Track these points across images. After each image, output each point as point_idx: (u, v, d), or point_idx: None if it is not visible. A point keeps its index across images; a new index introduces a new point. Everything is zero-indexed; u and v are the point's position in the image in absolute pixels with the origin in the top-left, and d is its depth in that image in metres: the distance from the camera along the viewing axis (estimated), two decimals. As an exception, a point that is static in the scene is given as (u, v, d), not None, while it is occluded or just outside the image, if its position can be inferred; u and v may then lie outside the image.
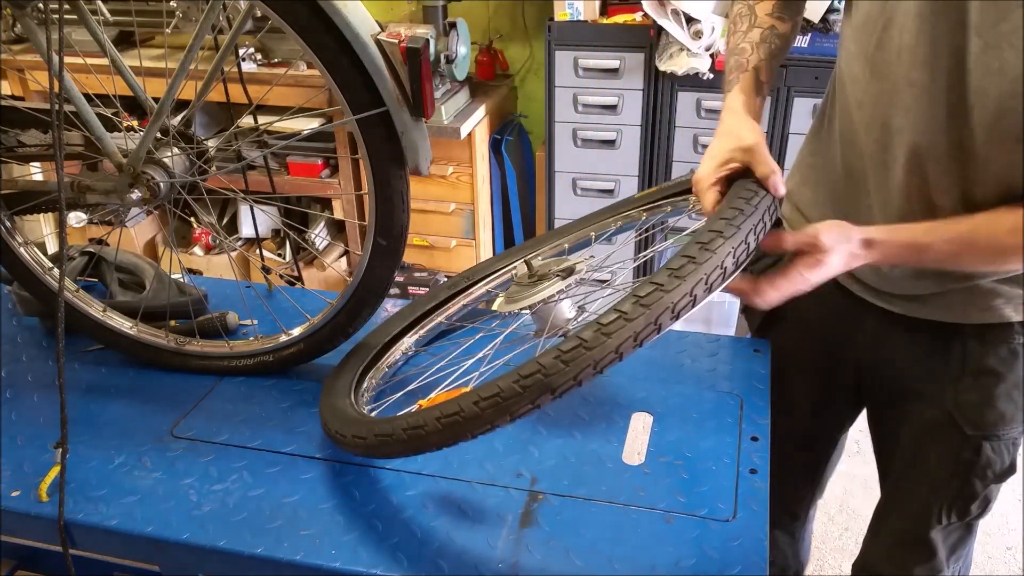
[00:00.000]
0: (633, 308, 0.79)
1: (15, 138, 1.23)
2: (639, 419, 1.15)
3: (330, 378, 1.20)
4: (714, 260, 0.82)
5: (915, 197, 1.05)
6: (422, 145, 1.06)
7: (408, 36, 0.99)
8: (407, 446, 0.92)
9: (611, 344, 0.79)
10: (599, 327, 0.79)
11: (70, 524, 1.01)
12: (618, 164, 2.74)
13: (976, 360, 1.14)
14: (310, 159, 2.85)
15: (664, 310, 0.79)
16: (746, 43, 1.13)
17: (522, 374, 0.80)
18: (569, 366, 0.79)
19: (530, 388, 0.80)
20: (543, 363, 0.80)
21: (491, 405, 0.82)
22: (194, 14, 2.49)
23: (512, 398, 0.81)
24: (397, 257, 1.15)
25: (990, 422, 1.15)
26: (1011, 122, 0.92)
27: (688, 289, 0.80)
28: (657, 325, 0.80)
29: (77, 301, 1.30)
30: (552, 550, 0.95)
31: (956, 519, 1.23)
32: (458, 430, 0.85)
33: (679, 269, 0.81)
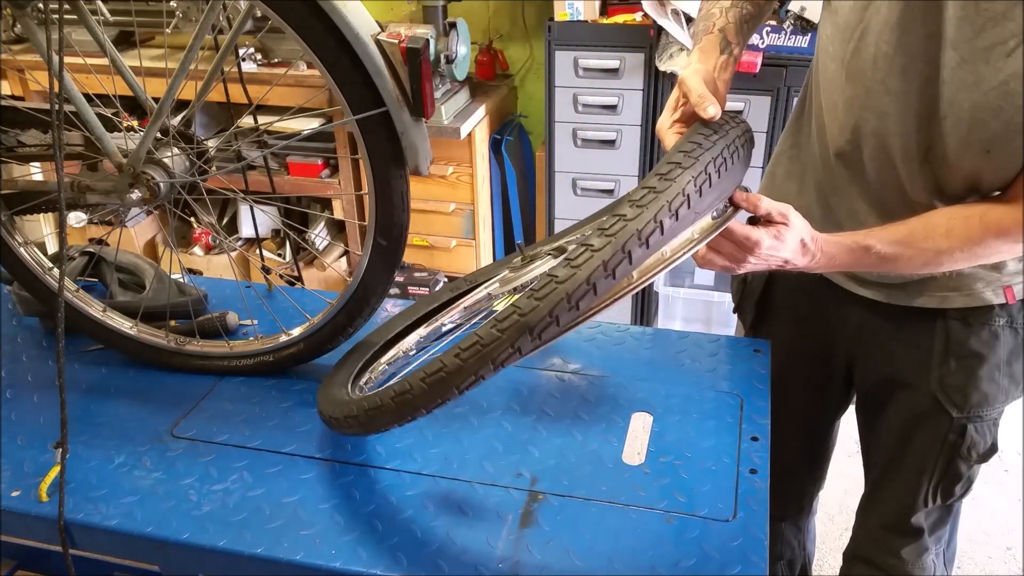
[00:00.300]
0: (599, 239, 0.80)
1: (15, 138, 1.23)
2: (639, 419, 1.15)
3: (329, 374, 1.20)
4: (674, 188, 0.82)
5: (890, 193, 1.08)
6: (422, 145, 1.06)
7: (408, 36, 0.99)
8: (397, 414, 0.92)
9: (581, 275, 0.79)
10: (567, 261, 0.80)
11: (70, 524, 1.01)
12: (618, 164, 2.74)
13: (959, 343, 1.17)
14: (310, 159, 2.85)
15: (630, 237, 0.79)
16: (716, 8, 1.14)
17: (499, 318, 0.81)
18: (543, 302, 0.79)
19: (508, 330, 0.80)
20: (518, 304, 0.80)
21: (473, 354, 0.82)
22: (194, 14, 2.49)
23: (492, 343, 0.81)
24: (397, 257, 1.15)
25: (974, 403, 1.18)
26: (981, 133, 0.94)
27: (652, 216, 0.80)
28: (626, 253, 0.79)
29: (77, 301, 1.30)
30: (552, 550, 0.95)
31: (940, 500, 1.26)
32: (444, 386, 0.85)
33: (640, 199, 0.81)
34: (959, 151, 0.98)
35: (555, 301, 0.79)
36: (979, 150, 0.96)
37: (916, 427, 1.24)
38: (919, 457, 1.24)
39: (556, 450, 1.10)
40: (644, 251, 0.81)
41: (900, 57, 0.98)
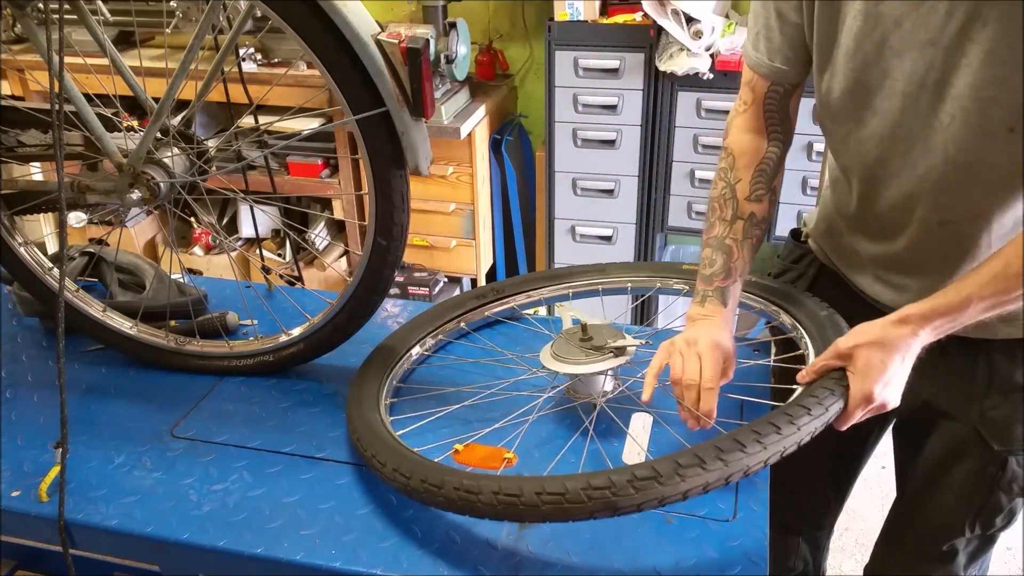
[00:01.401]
0: (711, 460, 0.84)
1: (15, 138, 1.23)
2: (639, 419, 1.15)
3: (356, 384, 1.19)
4: (795, 436, 0.87)
5: (928, 227, 1.06)
6: (422, 145, 1.06)
7: (408, 36, 0.99)
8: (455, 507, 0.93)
9: (682, 487, 0.83)
10: (676, 466, 0.83)
11: (70, 524, 1.01)
12: (618, 164, 2.74)
13: (1004, 377, 1.13)
14: (310, 159, 2.85)
15: (738, 470, 0.84)
16: (731, 240, 1.13)
17: (592, 484, 0.83)
18: (638, 493, 0.82)
19: (594, 500, 0.83)
20: (614, 480, 0.83)
21: (552, 503, 0.84)
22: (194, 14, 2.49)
23: (575, 504, 0.83)
24: (397, 257, 1.15)
25: (1018, 437, 1.14)
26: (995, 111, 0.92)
27: (765, 458, 0.85)
28: (726, 480, 0.85)
29: (77, 301, 1.30)
30: (552, 550, 0.95)
31: (980, 531, 1.22)
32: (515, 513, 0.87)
33: (764, 436, 0.86)
34: (980, 151, 0.94)
35: (649, 497, 0.83)
36: (1002, 133, 0.91)
37: (955, 457, 1.20)
38: (957, 487, 1.21)
39: (553, 448, 1.10)
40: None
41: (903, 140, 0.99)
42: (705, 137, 2.62)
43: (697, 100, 2.58)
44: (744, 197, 1.14)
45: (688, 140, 2.64)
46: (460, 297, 1.38)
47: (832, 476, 1.48)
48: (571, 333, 1.18)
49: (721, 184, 1.17)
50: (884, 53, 0.97)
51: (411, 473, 0.94)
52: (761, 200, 1.15)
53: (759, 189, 1.15)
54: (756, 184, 1.15)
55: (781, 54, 1.09)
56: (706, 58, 2.46)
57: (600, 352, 1.13)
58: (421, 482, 0.92)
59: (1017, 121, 0.90)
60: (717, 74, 2.49)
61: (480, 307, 1.36)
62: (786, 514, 1.01)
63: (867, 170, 1.07)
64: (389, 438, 1.04)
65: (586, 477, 0.84)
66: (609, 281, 1.36)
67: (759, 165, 1.15)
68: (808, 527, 1.55)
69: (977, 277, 0.95)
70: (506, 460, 1.06)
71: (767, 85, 1.13)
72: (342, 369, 1.28)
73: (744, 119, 1.17)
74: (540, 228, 3.06)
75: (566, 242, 2.91)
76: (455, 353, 1.34)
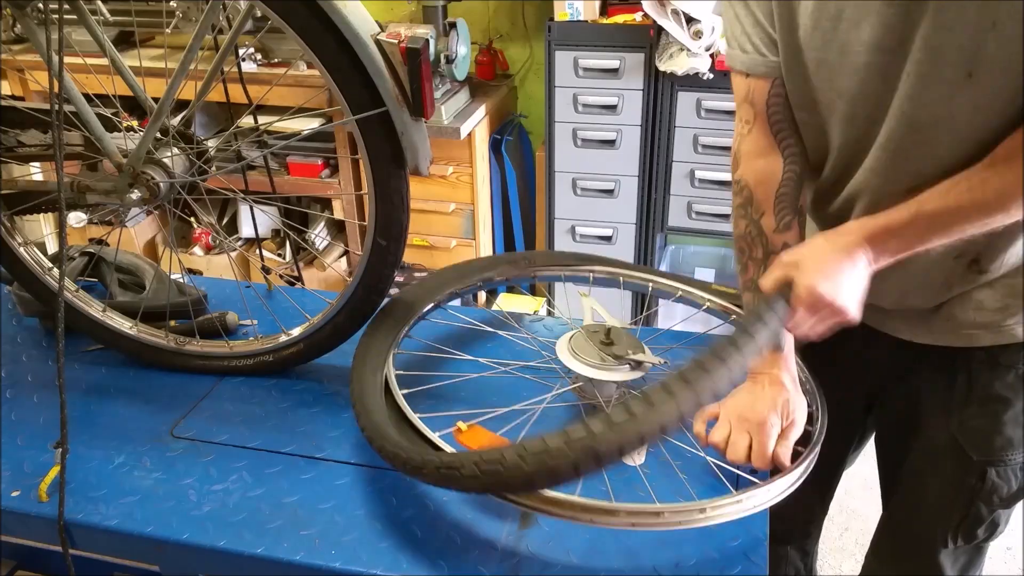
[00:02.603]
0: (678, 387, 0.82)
1: (15, 138, 1.23)
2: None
3: (369, 332, 1.18)
4: (753, 346, 0.86)
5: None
6: (422, 145, 1.06)
7: (408, 36, 0.99)
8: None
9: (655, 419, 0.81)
10: (648, 403, 0.81)
11: (70, 524, 1.01)
12: (618, 164, 2.74)
13: (983, 387, 1.11)
14: (310, 159, 2.85)
15: (706, 393, 0.82)
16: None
17: (570, 434, 0.81)
18: (617, 434, 0.81)
19: (576, 450, 0.81)
20: (592, 427, 0.81)
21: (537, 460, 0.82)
22: (194, 14, 2.49)
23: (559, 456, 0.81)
24: (397, 257, 1.15)
25: (997, 448, 1.12)
26: (954, 56, 0.88)
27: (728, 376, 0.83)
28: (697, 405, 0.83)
29: (77, 301, 1.30)
30: (552, 550, 0.95)
31: (963, 543, 1.20)
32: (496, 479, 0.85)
33: (722, 352, 0.84)
34: (938, 104, 0.90)
35: (628, 438, 0.80)
36: (959, 78, 0.87)
37: (934, 466, 1.18)
38: (937, 496, 1.19)
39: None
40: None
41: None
42: (705, 137, 2.62)
43: (697, 100, 2.58)
44: (772, 231, 1.08)
45: (688, 140, 2.64)
46: (492, 258, 1.39)
47: (816, 485, 1.44)
48: (592, 331, 1.17)
49: (743, 223, 1.10)
50: (841, 26, 0.93)
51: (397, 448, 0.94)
52: (790, 227, 1.07)
53: (786, 217, 1.07)
54: (781, 213, 1.08)
55: (774, 46, 1.02)
56: (706, 58, 2.46)
57: (618, 361, 1.12)
58: (437, 468, 0.90)
59: (973, 65, 0.86)
60: (717, 74, 2.49)
61: (511, 272, 1.36)
62: (773, 526, 1.00)
63: (841, 156, 1.04)
64: (388, 407, 1.04)
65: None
66: (633, 276, 1.37)
67: (779, 191, 1.07)
68: (797, 536, 1.54)
69: (923, 195, 0.91)
70: None
71: (767, 90, 1.05)
72: (342, 369, 1.28)
73: (751, 142, 1.08)
74: (540, 228, 3.06)
75: (566, 242, 2.91)
76: (475, 317, 1.35)
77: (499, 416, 1.09)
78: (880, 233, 0.93)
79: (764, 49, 1.03)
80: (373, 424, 1.00)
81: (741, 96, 1.09)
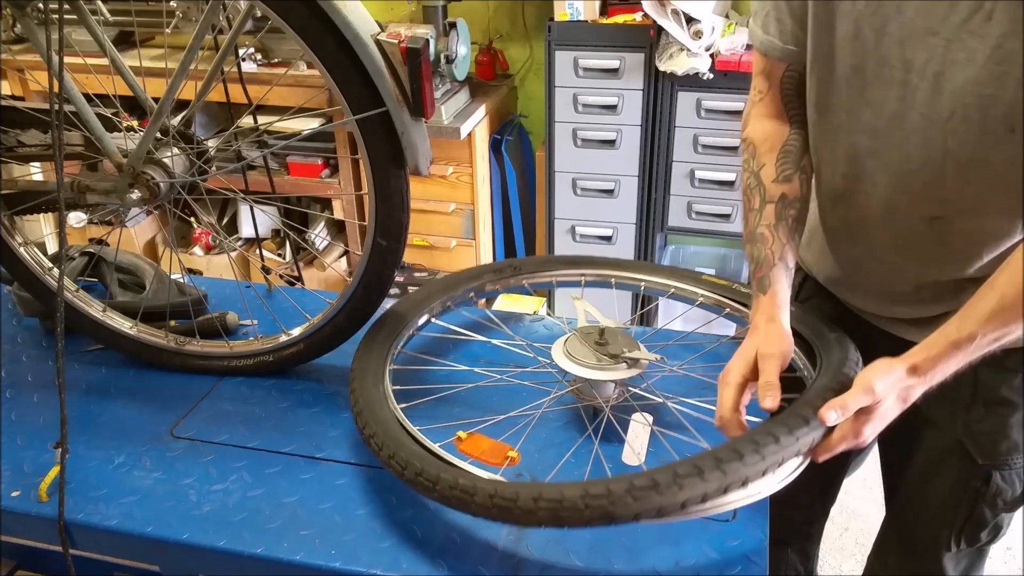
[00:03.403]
0: (710, 469, 0.82)
1: (15, 138, 1.23)
2: (639, 419, 1.15)
3: (362, 349, 1.17)
4: (793, 447, 0.88)
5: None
6: (422, 145, 1.06)
7: (408, 36, 0.99)
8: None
9: (680, 496, 0.81)
10: (675, 475, 0.82)
11: (70, 524, 1.01)
12: (618, 164, 2.74)
13: (989, 389, 1.10)
14: (310, 159, 2.85)
15: (736, 480, 0.83)
16: (763, 227, 1.07)
17: (636, 484, 0.81)
18: (636, 503, 0.81)
19: (591, 509, 0.81)
20: (612, 489, 0.81)
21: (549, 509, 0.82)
22: (194, 14, 2.49)
23: (571, 512, 0.82)
24: (397, 257, 1.15)
25: (1002, 451, 1.12)
26: (996, 110, 0.89)
27: (763, 468, 0.85)
28: (725, 490, 0.83)
29: (77, 301, 1.30)
30: (552, 550, 0.95)
31: (966, 545, 1.20)
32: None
33: (762, 447, 0.85)
34: (980, 149, 0.91)
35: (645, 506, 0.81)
36: (1003, 132, 0.88)
37: (939, 468, 1.18)
38: (941, 498, 1.18)
39: (556, 450, 1.10)
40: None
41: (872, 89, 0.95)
42: (705, 137, 2.62)
43: (697, 100, 2.58)
44: (771, 180, 1.08)
45: (688, 140, 2.64)
46: (478, 269, 1.37)
47: (818, 488, 1.45)
48: (586, 333, 1.17)
49: (746, 175, 1.11)
50: (884, 40, 0.93)
51: (406, 463, 0.93)
52: (791, 180, 1.08)
53: (787, 170, 1.08)
54: (782, 165, 1.08)
55: (793, 35, 1.04)
56: (706, 58, 2.46)
57: (614, 360, 1.12)
58: (416, 475, 0.91)
59: (1017, 122, 0.88)
60: (717, 74, 2.49)
61: (498, 281, 1.35)
62: (775, 528, 0.99)
63: (855, 164, 1.04)
64: (391, 418, 1.01)
65: (584, 485, 0.82)
66: (624, 277, 1.36)
67: (783, 147, 1.09)
68: (797, 539, 1.54)
69: (976, 313, 0.90)
70: (509, 458, 1.06)
71: (782, 69, 1.08)
72: (342, 369, 1.28)
73: (761, 107, 1.12)
74: (540, 228, 3.07)
75: (566, 242, 2.91)
76: (467, 327, 1.34)
77: (499, 422, 1.09)
78: (949, 364, 0.92)
79: (783, 37, 1.05)
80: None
81: (758, 69, 1.12)
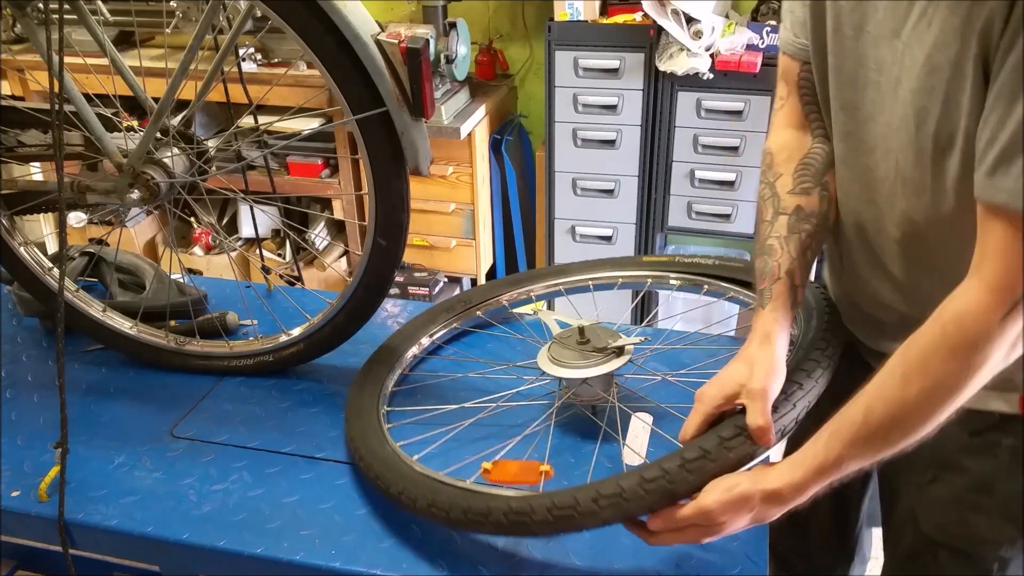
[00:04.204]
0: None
1: (15, 138, 1.23)
2: (639, 419, 1.15)
3: (352, 416, 1.14)
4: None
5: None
6: (422, 145, 1.06)
7: (408, 36, 0.99)
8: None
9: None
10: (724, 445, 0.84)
11: (70, 524, 1.01)
12: (618, 164, 2.74)
13: (949, 451, 0.95)
14: (310, 159, 2.85)
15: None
16: (773, 239, 0.98)
17: (646, 477, 0.84)
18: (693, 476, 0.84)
19: (653, 492, 0.84)
20: (667, 470, 0.84)
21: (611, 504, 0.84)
22: (194, 14, 2.49)
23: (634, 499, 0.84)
24: (397, 257, 1.15)
25: (953, 535, 0.98)
26: (928, 127, 0.83)
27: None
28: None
29: (77, 301, 1.30)
30: (552, 550, 0.95)
31: None
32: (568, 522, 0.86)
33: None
34: (918, 167, 0.85)
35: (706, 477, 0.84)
36: (934, 151, 0.82)
37: (905, 529, 1.06)
38: (919, 563, 1.06)
39: (556, 450, 1.10)
40: None
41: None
42: (705, 137, 2.62)
43: (697, 100, 2.58)
44: (787, 191, 1.00)
45: (688, 140, 2.64)
46: (432, 311, 1.35)
47: (836, 537, 1.34)
48: (566, 337, 1.16)
49: (761, 186, 1.05)
50: (861, 38, 0.88)
51: (450, 506, 0.91)
52: (809, 193, 0.99)
53: (805, 183, 1.00)
54: (800, 177, 1.01)
55: (804, 27, 0.98)
56: (706, 58, 2.46)
57: (603, 353, 1.12)
58: (464, 513, 0.90)
59: (948, 143, 0.81)
60: (717, 74, 2.49)
61: (453, 318, 1.34)
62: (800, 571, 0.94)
63: (838, 169, 1.00)
64: (408, 468, 0.99)
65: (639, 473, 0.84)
66: (571, 282, 1.36)
67: (804, 159, 1.02)
68: None
69: (844, 431, 0.81)
70: (543, 473, 1.03)
71: (798, 69, 1.02)
72: (342, 369, 1.28)
73: (782, 115, 1.07)
74: (540, 228, 3.06)
75: (566, 242, 2.91)
76: (441, 370, 1.28)
77: (512, 448, 1.08)
78: (812, 488, 0.83)
79: (797, 29, 1.01)
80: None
81: (779, 71, 1.07)
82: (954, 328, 0.75)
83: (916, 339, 0.78)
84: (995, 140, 0.73)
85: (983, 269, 0.75)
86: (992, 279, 0.74)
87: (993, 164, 0.73)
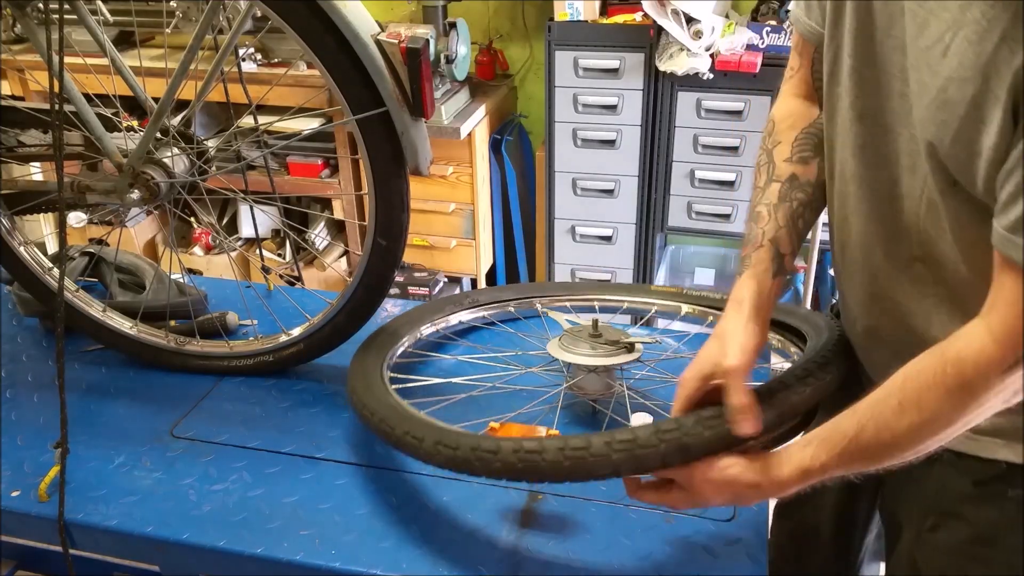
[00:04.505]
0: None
1: (15, 138, 1.23)
2: (639, 419, 1.15)
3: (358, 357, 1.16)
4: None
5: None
6: (422, 145, 1.06)
7: (408, 36, 0.99)
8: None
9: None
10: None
11: (70, 524, 1.01)
12: (618, 164, 2.74)
13: (950, 498, 0.91)
14: (310, 159, 2.85)
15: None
16: (763, 205, 0.95)
17: (661, 428, 0.82)
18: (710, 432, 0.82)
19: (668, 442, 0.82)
20: (683, 423, 0.83)
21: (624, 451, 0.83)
22: (194, 14, 2.49)
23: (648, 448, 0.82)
24: (397, 257, 1.15)
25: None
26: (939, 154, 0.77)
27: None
28: None
29: (77, 301, 1.30)
30: (552, 550, 0.95)
31: None
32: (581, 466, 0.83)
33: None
34: (933, 190, 0.79)
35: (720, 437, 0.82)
36: (946, 179, 0.77)
37: (905, 573, 1.01)
38: None
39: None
40: None
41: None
42: (705, 137, 2.62)
43: (697, 100, 2.58)
44: (783, 159, 0.97)
45: (688, 140, 2.64)
46: (439, 302, 1.36)
47: (838, 554, 1.27)
48: (578, 331, 1.17)
49: (760, 152, 1.01)
50: (888, 42, 0.80)
51: (457, 443, 0.87)
52: (807, 163, 0.96)
53: (804, 151, 0.97)
54: (801, 146, 0.97)
55: (820, 9, 0.91)
56: (706, 58, 2.46)
57: (615, 346, 1.13)
58: (472, 450, 0.85)
59: (958, 174, 0.74)
60: (717, 74, 2.49)
61: (460, 310, 1.35)
62: None
63: (842, 183, 0.93)
64: (413, 413, 0.97)
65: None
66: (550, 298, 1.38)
67: (807, 128, 0.98)
68: None
69: (834, 441, 0.80)
70: (548, 437, 0.99)
71: (811, 51, 0.98)
72: (342, 369, 1.28)
73: (790, 85, 1.03)
74: (540, 228, 3.06)
75: (566, 242, 2.91)
76: (449, 350, 1.32)
77: (516, 418, 1.08)
78: (794, 488, 0.83)
79: (808, 11, 0.96)
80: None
81: (793, 43, 1.03)
82: (953, 370, 0.74)
83: (916, 370, 0.77)
84: (1019, 197, 0.67)
85: (992, 316, 0.73)
86: (1000, 330, 0.72)
87: (1015, 222, 0.68)
